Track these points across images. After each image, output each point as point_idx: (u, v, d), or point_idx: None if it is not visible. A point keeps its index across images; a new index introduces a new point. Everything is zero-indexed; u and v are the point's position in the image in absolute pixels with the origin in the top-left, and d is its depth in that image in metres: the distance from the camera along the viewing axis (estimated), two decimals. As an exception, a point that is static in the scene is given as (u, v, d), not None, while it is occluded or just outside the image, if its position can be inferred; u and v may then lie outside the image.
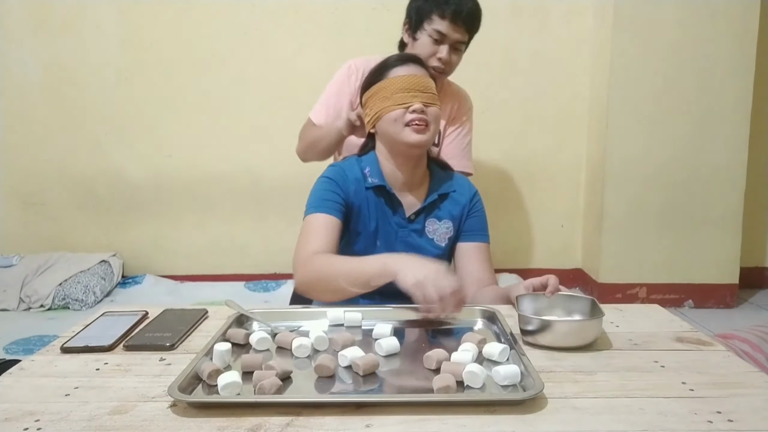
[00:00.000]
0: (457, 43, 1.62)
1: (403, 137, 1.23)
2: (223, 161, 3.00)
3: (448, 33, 1.60)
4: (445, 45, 1.61)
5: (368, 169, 1.29)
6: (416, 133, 1.22)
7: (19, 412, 0.73)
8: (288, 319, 1.05)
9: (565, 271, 3.09)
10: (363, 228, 1.28)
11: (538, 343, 0.91)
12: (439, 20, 1.59)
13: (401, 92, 1.23)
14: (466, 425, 0.68)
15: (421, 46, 1.63)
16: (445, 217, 1.32)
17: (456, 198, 1.34)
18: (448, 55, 1.61)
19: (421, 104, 1.22)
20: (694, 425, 0.68)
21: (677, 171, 2.71)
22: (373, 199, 1.28)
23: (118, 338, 0.96)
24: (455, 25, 1.59)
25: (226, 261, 3.08)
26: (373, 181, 1.28)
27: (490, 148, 2.93)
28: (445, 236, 1.32)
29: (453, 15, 1.57)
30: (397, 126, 1.23)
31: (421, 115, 1.22)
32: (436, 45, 1.61)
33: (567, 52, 2.91)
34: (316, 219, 1.22)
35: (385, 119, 1.25)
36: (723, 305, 2.78)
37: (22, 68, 2.93)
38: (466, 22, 1.60)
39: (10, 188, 3.05)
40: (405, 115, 1.22)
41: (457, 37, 1.61)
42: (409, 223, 1.29)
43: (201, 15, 2.89)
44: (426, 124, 1.23)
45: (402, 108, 1.22)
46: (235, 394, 0.76)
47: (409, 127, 1.22)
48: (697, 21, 2.60)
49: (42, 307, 2.72)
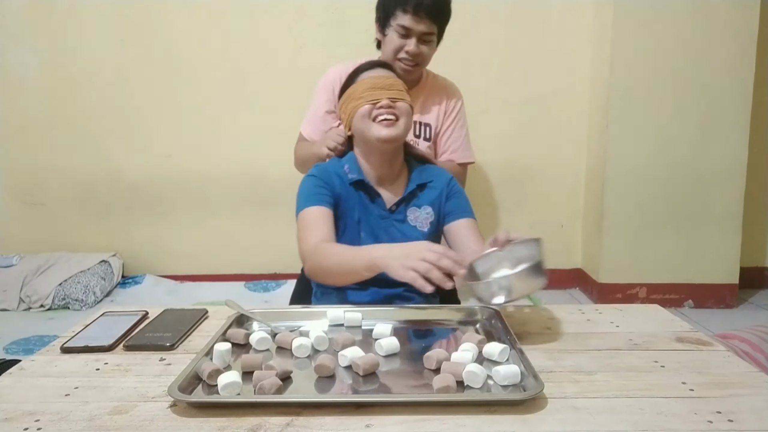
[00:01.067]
0: (424, 35, 1.66)
1: (373, 132, 1.27)
2: (223, 161, 3.00)
3: (413, 26, 1.64)
4: (412, 38, 1.65)
5: (347, 166, 1.35)
6: (385, 128, 1.26)
7: (19, 412, 0.73)
8: (288, 319, 1.05)
9: (565, 271, 3.09)
10: (348, 220, 1.33)
11: (495, 304, 0.96)
12: (402, 15, 1.63)
13: (369, 90, 1.28)
14: (466, 425, 0.68)
15: (390, 41, 1.68)
16: (424, 203, 1.36)
17: (433, 186, 1.38)
18: (416, 48, 1.65)
19: (388, 100, 1.27)
20: (694, 425, 0.68)
21: (677, 171, 2.71)
22: (354, 193, 1.33)
23: (118, 338, 0.96)
24: (418, 18, 1.63)
25: (226, 261, 3.08)
26: (352, 176, 1.33)
27: (490, 148, 2.93)
28: (427, 221, 1.36)
29: (415, 8, 1.61)
30: (366, 122, 1.28)
31: (389, 110, 1.27)
32: (403, 39, 1.66)
33: (567, 52, 2.91)
34: (311, 212, 1.27)
35: (357, 117, 1.30)
36: (723, 305, 2.78)
37: (22, 68, 2.93)
38: (429, 14, 1.64)
39: (10, 188, 3.05)
40: (373, 110, 1.27)
41: (422, 29, 1.65)
42: (390, 213, 1.33)
43: (201, 15, 2.89)
44: (396, 117, 1.27)
45: (370, 104, 1.27)
46: (235, 394, 0.76)
47: (377, 123, 1.27)
48: (697, 21, 2.60)
49: (42, 307, 2.72)
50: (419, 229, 1.35)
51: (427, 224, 1.35)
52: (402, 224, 1.34)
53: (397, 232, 1.33)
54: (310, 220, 1.26)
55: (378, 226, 1.33)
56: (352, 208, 1.33)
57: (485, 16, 2.88)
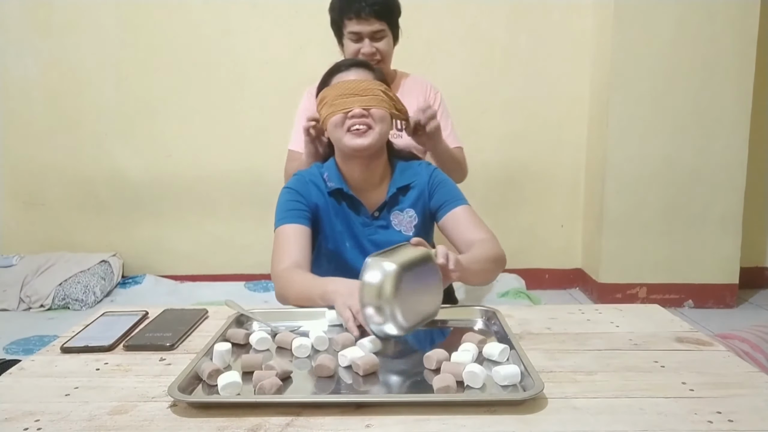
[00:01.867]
0: (374, 34, 1.72)
1: (345, 142, 1.25)
2: (223, 161, 3.00)
3: (361, 29, 1.70)
4: (365, 39, 1.72)
5: (326, 174, 1.33)
6: (357, 138, 1.24)
7: (19, 412, 0.73)
8: (288, 319, 1.05)
9: (565, 271, 3.09)
10: (330, 230, 1.32)
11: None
12: (349, 22, 1.71)
13: (341, 98, 1.25)
14: (466, 425, 0.68)
15: (347, 49, 1.76)
16: (406, 206, 1.34)
17: (414, 186, 1.35)
18: (370, 47, 1.71)
19: (360, 108, 1.24)
20: (694, 425, 0.68)
21: (677, 171, 2.71)
22: (334, 202, 1.32)
23: (118, 338, 0.96)
24: (364, 20, 1.69)
25: (226, 261, 3.08)
26: (331, 185, 1.31)
27: (490, 148, 2.93)
28: (411, 224, 1.34)
29: (357, 13, 1.68)
30: (339, 131, 1.26)
31: (361, 119, 1.24)
32: (357, 43, 1.73)
33: (567, 52, 2.91)
34: (284, 231, 1.27)
35: (330, 125, 1.28)
36: (723, 305, 2.78)
37: (22, 68, 2.93)
38: (373, 14, 1.69)
39: (10, 188, 3.05)
40: (345, 120, 1.25)
41: (371, 28, 1.71)
42: (373, 220, 1.32)
43: (201, 15, 2.89)
44: (368, 127, 1.24)
45: (342, 113, 1.25)
46: (235, 394, 0.76)
47: (350, 133, 1.24)
48: (697, 21, 2.60)
49: (42, 307, 2.72)
50: (404, 234, 1.33)
51: (411, 227, 1.34)
52: (386, 230, 1.32)
53: (382, 239, 1.31)
54: (283, 241, 1.25)
55: (362, 233, 1.32)
56: (334, 217, 1.31)
57: (485, 16, 2.88)
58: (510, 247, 3.31)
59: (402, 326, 0.91)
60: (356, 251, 1.32)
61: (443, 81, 2.15)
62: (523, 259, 3.07)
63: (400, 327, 0.91)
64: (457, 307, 1.11)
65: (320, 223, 1.32)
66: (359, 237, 1.31)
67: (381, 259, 0.92)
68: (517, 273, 2.98)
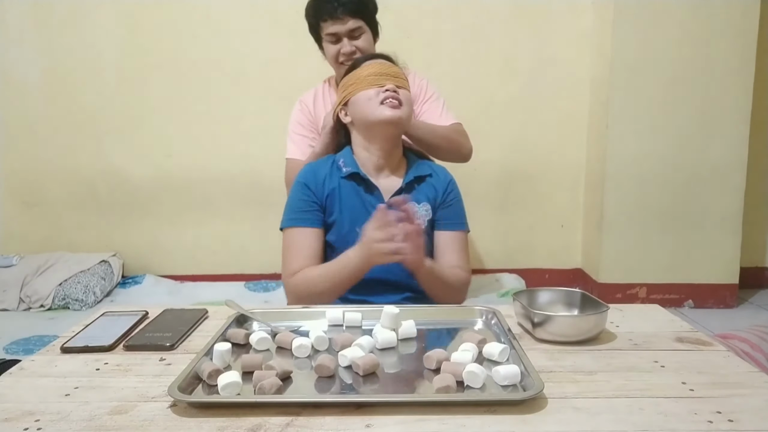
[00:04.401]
0: (351, 32, 1.73)
1: (378, 113, 1.27)
2: (223, 161, 3.00)
3: (338, 30, 1.72)
4: (343, 39, 1.73)
5: (342, 160, 1.35)
6: (391, 108, 1.27)
7: (19, 412, 0.73)
8: (288, 319, 1.05)
9: (565, 271, 3.09)
10: (341, 217, 1.33)
11: (549, 339, 0.93)
12: (324, 24, 1.73)
13: (373, 76, 1.29)
14: (466, 425, 0.68)
15: (327, 52, 1.79)
16: (423, 199, 1.35)
17: (432, 182, 1.37)
18: (349, 46, 1.73)
19: (393, 85, 1.28)
20: (694, 425, 0.68)
21: (677, 171, 2.71)
22: (348, 187, 1.33)
23: (118, 338, 0.96)
24: (336, 20, 1.71)
25: (226, 261, 3.08)
26: (347, 170, 1.32)
27: (490, 147, 2.93)
28: (425, 218, 1.35)
29: (330, 14, 1.70)
30: (371, 104, 1.28)
31: (395, 94, 1.28)
32: (336, 45, 1.74)
33: (567, 52, 2.91)
34: (293, 235, 1.31)
35: (359, 100, 1.29)
36: (723, 305, 2.78)
37: (22, 68, 2.93)
38: (347, 12, 1.70)
39: (10, 188, 3.05)
40: (379, 93, 1.28)
41: (346, 27, 1.72)
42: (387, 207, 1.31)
43: (201, 15, 2.89)
44: (400, 102, 1.28)
45: (375, 87, 1.28)
46: (235, 394, 0.76)
47: (383, 105, 1.27)
48: (697, 21, 2.60)
49: (42, 307, 2.72)
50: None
51: (425, 221, 1.34)
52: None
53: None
54: (291, 245, 1.30)
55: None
56: (347, 205, 1.32)
57: (485, 16, 2.88)
58: (510, 247, 3.34)
59: None
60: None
61: (443, 81, 2.15)
62: (523, 259, 3.07)
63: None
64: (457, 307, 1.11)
65: (330, 213, 1.33)
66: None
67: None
68: (517, 273, 2.98)
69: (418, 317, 1.03)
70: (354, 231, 1.31)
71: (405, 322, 0.96)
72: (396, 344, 0.93)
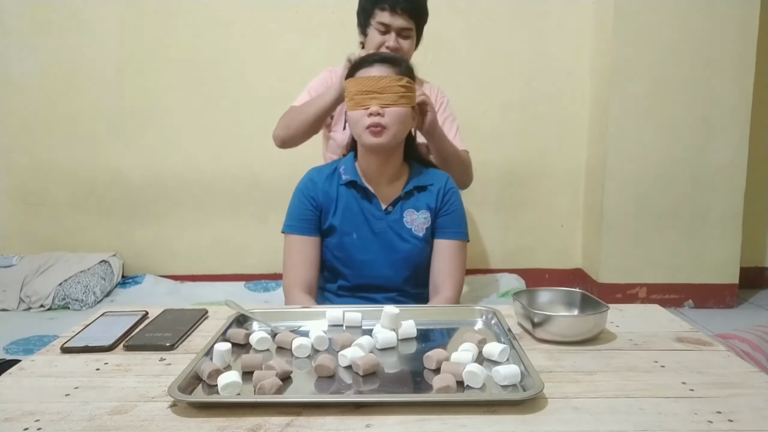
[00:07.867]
0: (402, 31, 1.74)
1: (362, 140, 1.29)
2: (223, 161, 3.00)
3: (391, 22, 1.72)
4: (392, 33, 1.73)
5: (343, 167, 1.36)
6: (372, 137, 1.26)
7: (19, 412, 0.73)
8: (288, 319, 1.05)
9: (565, 271, 3.09)
10: (338, 222, 1.34)
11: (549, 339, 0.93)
12: (381, 12, 1.72)
13: (360, 94, 1.27)
14: (466, 425, 0.68)
15: (371, 39, 1.76)
16: (422, 207, 1.35)
17: (432, 190, 1.37)
18: (395, 42, 1.73)
19: (377, 106, 1.25)
20: (694, 425, 0.68)
21: (677, 171, 2.71)
22: (347, 194, 1.34)
23: (118, 338, 0.96)
24: (396, 14, 1.71)
25: (226, 261, 3.08)
26: (346, 177, 1.34)
27: (490, 148, 2.93)
28: (423, 226, 1.35)
29: (392, 5, 1.70)
30: (358, 126, 1.29)
31: (376, 119, 1.25)
32: (383, 35, 1.74)
33: (567, 52, 2.91)
34: (292, 242, 1.34)
35: (350, 118, 1.31)
36: (723, 305, 2.78)
37: (22, 67, 2.93)
38: (405, 11, 1.71)
39: (10, 188, 3.05)
40: (363, 118, 1.27)
41: (401, 24, 1.73)
42: (385, 214, 1.33)
43: (201, 14, 2.89)
44: (382, 127, 1.26)
45: (362, 109, 1.27)
46: (235, 394, 0.76)
47: (367, 130, 1.27)
48: (697, 21, 2.60)
49: (42, 307, 2.72)
50: (415, 233, 1.33)
51: (423, 229, 1.34)
52: (397, 225, 1.33)
53: (391, 234, 1.32)
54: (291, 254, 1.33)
55: (372, 226, 1.33)
56: (345, 211, 1.33)
57: (485, 16, 2.88)
58: (510, 247, 3.34)
59: None
60: (363, 242, 1.33)
61: (443, 81, 2.15)
62: (523, 259, 3.07)
63: None
64: (457, 307, 1.11)
65: (327, 218, 1.34)
66: (368, 229, 1.33)
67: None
68: (517, 273, 2.97)
69: (418, 317, 1.03)
70: (351, 237, 1.32)
71: (405, 322, 0.96)
72: (396, 344, 0.93)
